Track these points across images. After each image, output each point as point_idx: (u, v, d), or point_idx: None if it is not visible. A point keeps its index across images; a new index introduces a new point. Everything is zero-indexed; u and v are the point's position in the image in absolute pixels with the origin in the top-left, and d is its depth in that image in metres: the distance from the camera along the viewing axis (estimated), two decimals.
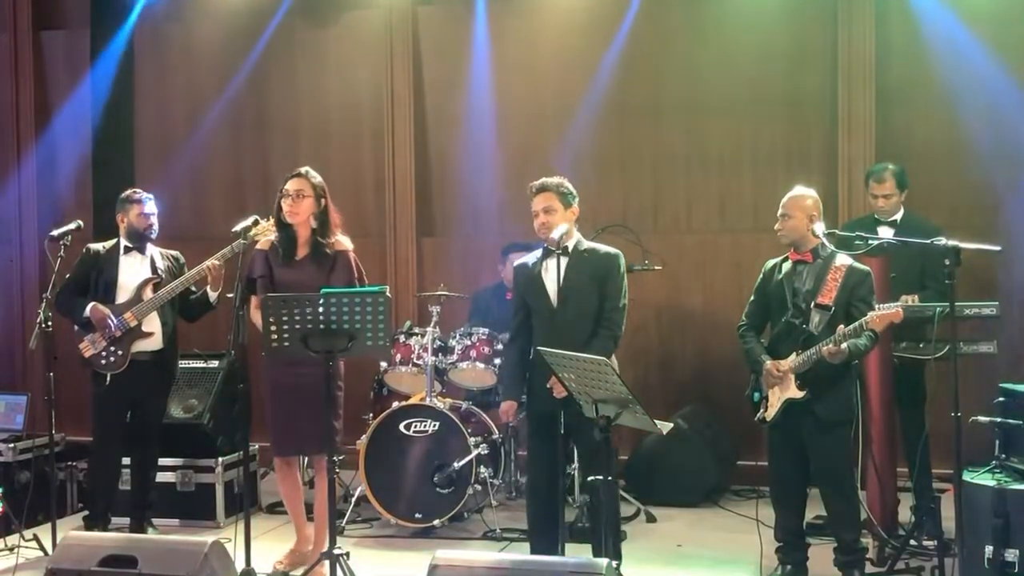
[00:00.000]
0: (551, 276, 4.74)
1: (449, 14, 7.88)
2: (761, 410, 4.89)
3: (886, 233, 5.76)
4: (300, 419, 5.01)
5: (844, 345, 4.57)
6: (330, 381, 4.71)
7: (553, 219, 4.77)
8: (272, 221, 5.11)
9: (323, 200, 5.11)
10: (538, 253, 4.92)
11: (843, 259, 4.81)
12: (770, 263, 5.05)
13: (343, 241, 5.14)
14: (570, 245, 4.82)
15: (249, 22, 8.08)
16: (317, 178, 5.14)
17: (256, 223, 5.06)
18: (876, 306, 4.58)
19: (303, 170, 5.16)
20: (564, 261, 4.76)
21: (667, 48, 7.45)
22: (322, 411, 4.86)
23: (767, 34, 7.26)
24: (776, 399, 4.82)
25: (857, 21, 7.02)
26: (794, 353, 4.75)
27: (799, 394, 4.73)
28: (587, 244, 4.92)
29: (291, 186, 5.07)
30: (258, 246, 5.06)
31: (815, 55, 7.21)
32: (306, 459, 5.90)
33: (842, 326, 4.60)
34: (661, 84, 7.47)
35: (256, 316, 4.91)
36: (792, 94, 7.26)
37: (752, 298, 5.08)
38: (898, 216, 5.87)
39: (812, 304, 4.75)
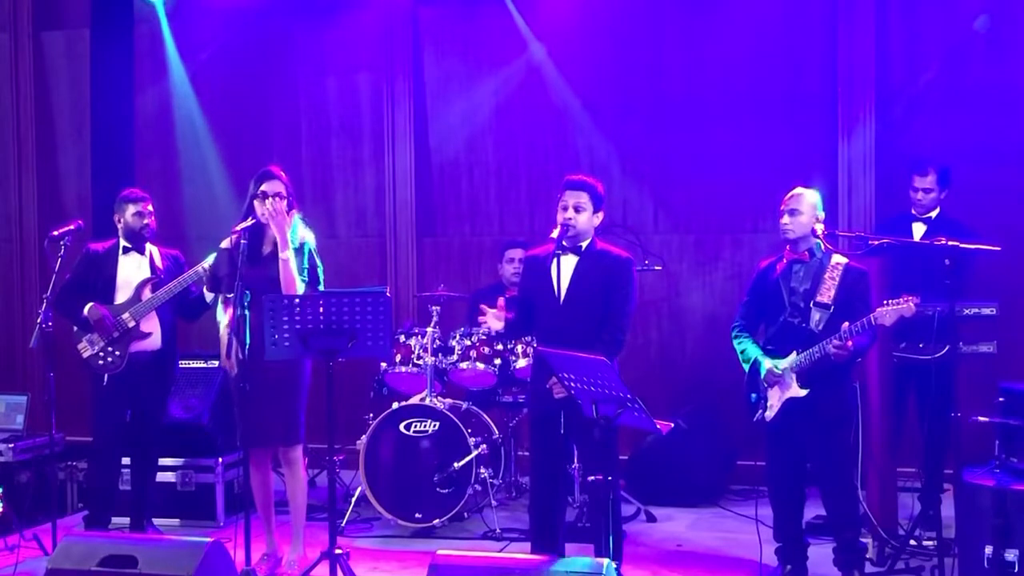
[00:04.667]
0: (560, 273, 4.70)
1: (449, 15, 7.88)
2: (760, 410, 4.89)
3: (919, 231, 5.73)
4: (264, 413, 5.00)
5: (851, 341, 4.56)
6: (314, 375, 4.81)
7: (580, 217, 4.73)
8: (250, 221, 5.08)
9: (290, 197, 5.12)
10: (549, 248, 4.86)
11: (839, 258, 4.81)
12: (764, 263, 5.05)
13: (306, 234, 5.13)
14: (583, 245, 4.79)
15: (249, 22, 8.08)
16: (285, 176, 5.15)
17: (256, 224, 5.05)
18: (884, 302, 4.55)
19: (275, 170, 5.14)
20: (576, 260, 4.75)
21: (667, 48, 7.45)
22: (280, 405, 5.00)
23: (767, 35, 7.26)
24: (776, 398, 4.82)
25: (857, 21, 7.02)
26: (794, 352, 4.76)
27: (801, 392, 4.72)
28: (600, 246, 4.87)
29: (271, 188, 5.05)
30: (222, 244, 5.07)
31: (815, 56, 7.21)
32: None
33: (847, 323, 4.58)
34: (661, 84, 7.47)
35: (221, 316, 5.02)
36: (792, 95, 7.26)
37: (746, 299, 5.08)
38: (933, 214, 5.83)
39: (811, 303, 4.75)
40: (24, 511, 6.05)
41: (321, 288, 5.10)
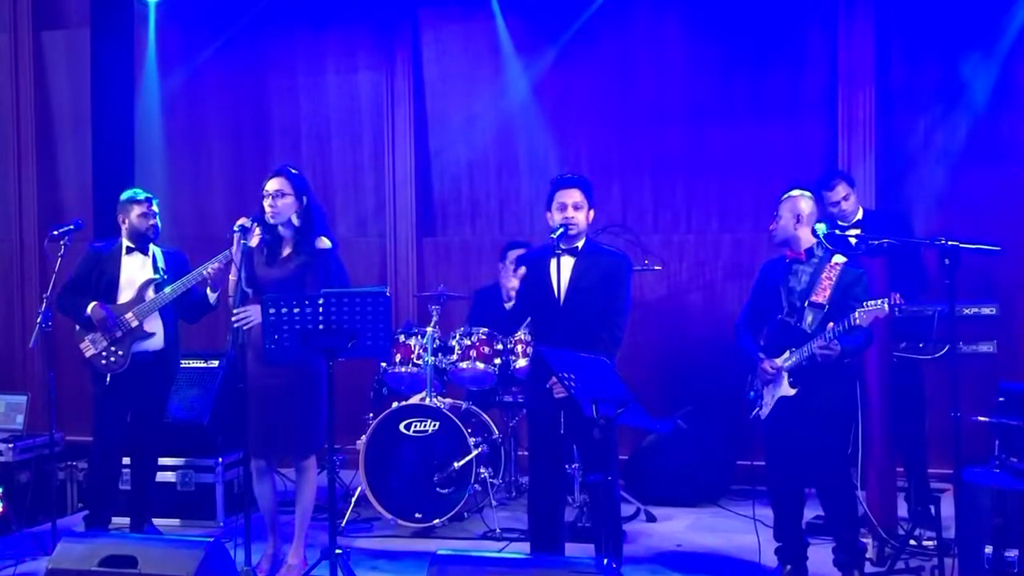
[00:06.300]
0: (559, 274, 4.70)
1: (449, 15, 7.88)
2: (756, 408, 4.91)
3: (854, 238, 5.73)
4: (273, 420, 5.00)
5: (836, 342, 4.57)
6: (310, 382, 4.84)
7: (580, 215, 4.75)
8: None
9: (305, 198, 5.10)
10: (544, 249, 4.88)
11: (839, 258, 4.82)
12: (768, 262, 5.08)
13: (323, 240, 5.12)
14: (579, 245, 4.81)
15: (249, 22, 8.09)
16: (298, 176, 5.11)
17: (256, 225, 5.05)
18: (863, 303, 4.56)
19: (283, 168, 5.14)
20: (572, 261, 4.77)
21: (668, 48, 7.46)
22: (299, 413, 4.99)
23: (767, 34, 7.26)
24: (770, 397, 4.84)
25: (857, 21, 7.02)
26: (788, 351, 4.77)
27: (791, 391, 4.75)
28: (595, 245, 4.91)
29: (271, 186, 5.04)
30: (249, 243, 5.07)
31: (815, 56, 7.21)
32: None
33: (832, 323, 4.60)
34: (662, 84, 7.47)
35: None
36: (792, 95, 7.26)
37: (750, 297, 5.11)
38: (860, 215, 5.84)
39: (806, 303, 4.76)
40: (24, 511, 6.05)
41: None
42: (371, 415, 6.29)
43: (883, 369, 5.35)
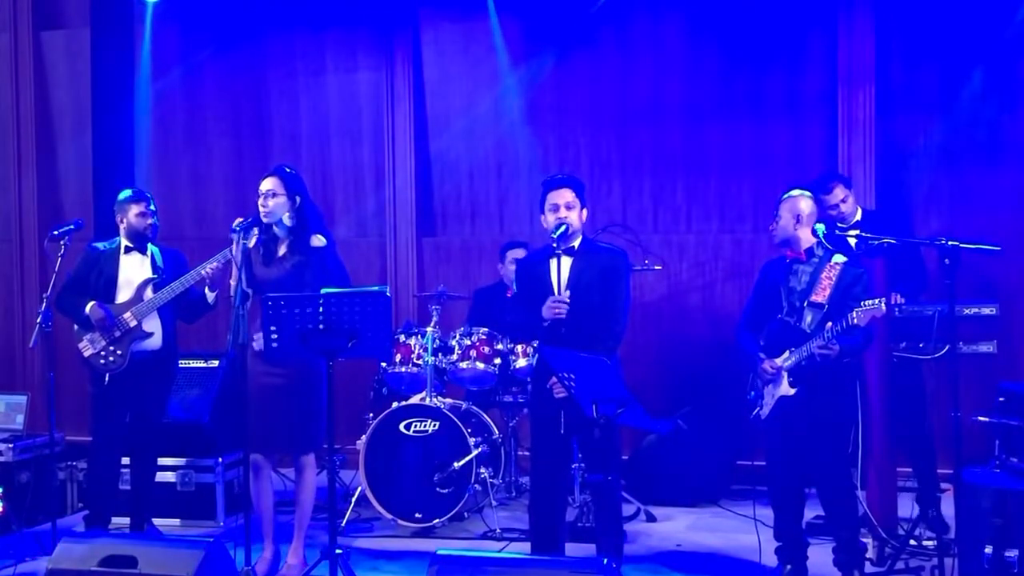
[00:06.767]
0: (558, 273, 4.72)
1: (449, 15, 7.88)
2: (757, 408, 4.91)
3: (853, 239, 5.73)
4: (272, 417, 5.01)
5: (834, 342, 4.57)
6: (308, 381, 4.86)
7: (572, 215, 4.76)
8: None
9: (298, 198, 5.10)
10: (542, 251, 4.90)
11: (839, 258, 4.82)
12: (768, 262, 5.08)
13: (318, 239, 5.13)
14: (575, 244, 4.82)
15: (249, 22, 8.09)
16: (292, 176, 5.13)
17: (256, 223, 5.06)
18: (861, 303, 4.56)
19: (278, 168, 5.17)
20: (571, 260, 4.78)
21: (668, 48, 7.46)
22: (298, 410, 5.01)
23: (767, 34, 7.26)
24: (771, 397, 4.84)
25: (857, 22, 7.02)
26: (787, 351, 4.77)
27: (791, 391, 4.75)
28: (592, 243, 4.93)
29: (263, 186, 5.08)
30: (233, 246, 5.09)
31: (815, 56, 7.21)
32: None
33: (830, 323, 4.60)
34: (662, 83, 7.47)
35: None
36: (791, 95, 7.26)
37: (751, 297, 5.12)
38: (859, 216, 5.83)
39: (806, 303, 4.77)
40: (24, 511, 6.05)
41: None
42: (371, 415, 6.29)
43: (883, 369, 5.35)
